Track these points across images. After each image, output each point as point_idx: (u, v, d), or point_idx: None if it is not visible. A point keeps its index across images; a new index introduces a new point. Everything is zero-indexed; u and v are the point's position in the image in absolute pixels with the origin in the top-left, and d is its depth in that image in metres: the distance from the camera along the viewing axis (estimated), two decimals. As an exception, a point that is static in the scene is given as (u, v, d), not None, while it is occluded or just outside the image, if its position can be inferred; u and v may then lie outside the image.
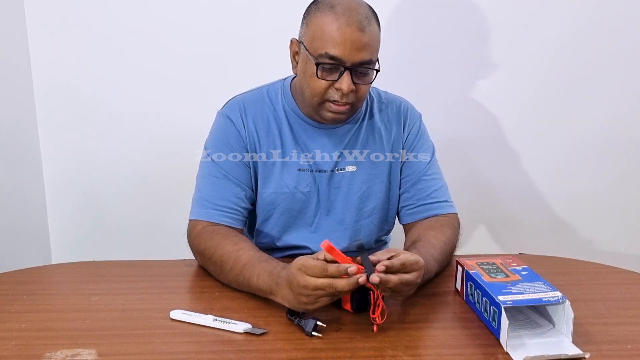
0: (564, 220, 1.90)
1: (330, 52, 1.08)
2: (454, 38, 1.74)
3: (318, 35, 1.09)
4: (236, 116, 1.23)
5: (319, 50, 1.09)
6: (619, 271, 1.20)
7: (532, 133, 1.83)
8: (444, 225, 1.21)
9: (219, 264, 1.09)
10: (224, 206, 1.18)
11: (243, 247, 1.09)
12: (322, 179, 1.24)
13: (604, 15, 1.73)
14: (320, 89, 1.12)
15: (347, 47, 1.07)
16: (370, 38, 1.09)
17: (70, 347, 0.88)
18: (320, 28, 1.09)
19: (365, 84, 1.13)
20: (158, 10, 1.68)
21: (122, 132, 1.77)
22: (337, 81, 1.10)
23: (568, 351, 0.86)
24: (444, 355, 0.87)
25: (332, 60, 1.08)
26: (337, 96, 1.12)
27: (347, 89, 1.10)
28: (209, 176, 1.21)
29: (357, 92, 1.12)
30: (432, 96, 1.75)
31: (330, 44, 1.08)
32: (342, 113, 1.15)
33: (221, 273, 1.09)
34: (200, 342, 0.91)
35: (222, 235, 1.13)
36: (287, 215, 1.25)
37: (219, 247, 1.10)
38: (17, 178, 1.71)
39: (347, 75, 1.09)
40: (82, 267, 1.23)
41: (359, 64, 1.09)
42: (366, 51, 1.09)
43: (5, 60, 1.65)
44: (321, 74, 1.10)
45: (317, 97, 1.13)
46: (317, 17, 1.11)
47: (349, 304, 0.98)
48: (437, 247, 1.12)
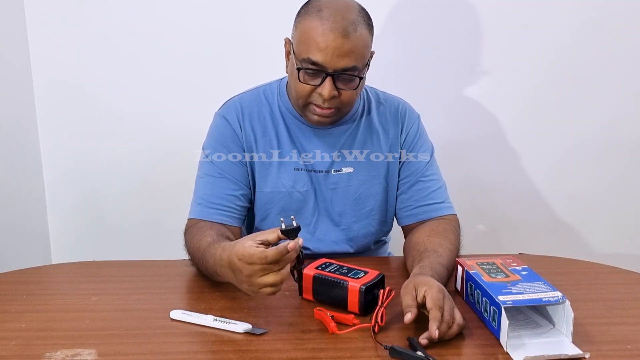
0: (564, 220, 1.90)
1: (313, 57, 1.08)
2: (454, 38, 1.74)
3: (303, 39, 1.10)
4: (233, 117, 1.23)
5: (302, 54, 1.10)
6: (619, 271, 1.20)
7: (532, 133, 1.82)
8: (448, 230, 1.20)
9: (192, 256, 1.12)
10: (219, 204, 1.19)
11: (205, 235, 1.09)
12: (318, 179, 1.24)
13: (604, 15, 1.72)
14: (303, 92, 1.13)
15: (329, 53, 1.07)
16: (354, 44, 1.08)
17: (70, 347, 0.88)
18: (306, 32, 1.09)
19: (350, 90, 1.13)
20: (158, 10, 1.68)
21: (122, 132, 1.77)
22: (319, 86, 1.11)
23: (568, 351, 0.86)
24: (444, 355, 0.87)
25: (314, 65, 1.09)
26: (320, 101, 1.12)
27: (327, 95, 1.10)
28: (206, 176, 1.22)
29: (342, 98, 1.12)
30: (432, 96, 1.75)
31: (313, 49, 1.08)
32: (326, 117, 1.15)
33: (197, 265, 1.12)
34: (200, 342, 0.91)
35: (197, 229, 1.14)
36: (285, 215, 1.25)
37: (193, 240, 1.12)
38: (17, 178, 1.71)
39: (329, 81, 1.09)
40: (82, 267, 1.23)
41: (341, 71, 1.09)
42: (349, 58, 1.08)
43: (5, 60, 1.65)
44: (303, 78, 1.11)
45: (301, 100, 1.14)
46: (304, 19, 1.11)
47: (357, 306, 0.98)
48: (444, 256, 1.10)
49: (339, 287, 0.98)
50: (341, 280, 0.98)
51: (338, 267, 1.03)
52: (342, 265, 1.04)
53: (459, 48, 1.74)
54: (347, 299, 0.98)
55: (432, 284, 0.94)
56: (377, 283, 0.99)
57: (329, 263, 1.04)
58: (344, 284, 0.98)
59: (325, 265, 1.03)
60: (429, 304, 0.90)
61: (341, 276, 0.99)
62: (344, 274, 1.00)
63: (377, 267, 1.05)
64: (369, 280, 0.98)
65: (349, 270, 1.01)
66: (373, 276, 1.00)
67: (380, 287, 0.98)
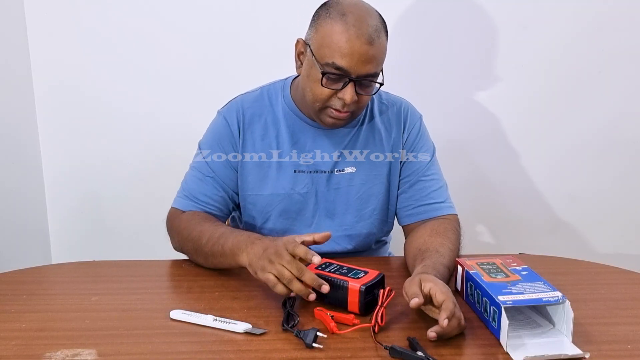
0: (564, 220, 1.90)
1: (338, 62, 1.08)
2: (456, 40, 1.74)
3: (326, 43, 1.09)
4: (233, 118, 1.24)
5: (326, 58, 1.09)
6: (619, 271, 1.20)
7: (533, 133, 1.83)
8: (448, 230, 1.20)
9: (196, 239, 1.13)
10: (205, 202, 1.22)
11: (221, 225, 1.16)
12: (320, 180, 1.24)
13: (604, 15, 1.73)
14: (323, 95, 1.12)
15: (354, 59, 1.07)
16: (377, 51, 1.09)
17: (70, 347, 0.88)
18: (329, 36, 1.08)
19: (368, 95, 1.14)
20: (158, 11, 1.68)
21: (122, 133, 1.77)
22: (340, 90, 1.11)
23: (568, 351, 0.86)
24: (444, 355, 0.87)
25: (338, 70, 1.09)
26: (339, 105, 1.12)
27: (350, 100, 1.10)
28: (196, 171, 1.25)
29: (359, 102, 1.13)
30: (434, 97, 1.75)
31: (338, 54, 1.07)
32: (341, 120, 1.16)
33: (199, 248, 1.13)
34: (200, 342, 0.91)
35: (202, 217, 1.19)
36: (285, 217, 1.25)
37: (198, 224, 1.16)
38: (17, 178, 1.71)
39: (351, 86, 1.10)
40: (82, 267, 1.23)
41: (364, 77, 1.10)
42: (372, 64, 1.09)
43: (5, 60, 1.65)
44: (326, 83, 1.11)
45: (319, 103, 1.14)
46: (327, 23, 1.10)
47: (357, 306, 0.98)
48: (445, 256, 1.10)
49: (339, 287, 0.98)
50: (341, 280, 0.98)
51: (338, 267, 1.03)
52: (342, 265, 1.04)
53: (461, 49, 1.75)
54: (347, 299, 0.98)
55: (437, 281, 0.95)
56: (377, 283, 0.99)
57: (329, 263, 1.04)
58: (344, 284, 0.98)
59: (326, 265, 1.03)
60: (440, 297, 0.90)
61: (341, 276, 0.99)
62: (344, 274, 1.00)
63: (377, 267, 1.05)
64: (369, 280, 0.98)
65: (349, 270, 1.01)
66: (373, 276, 1.00)
67: (380, 287, 0.98)
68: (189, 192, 1.23)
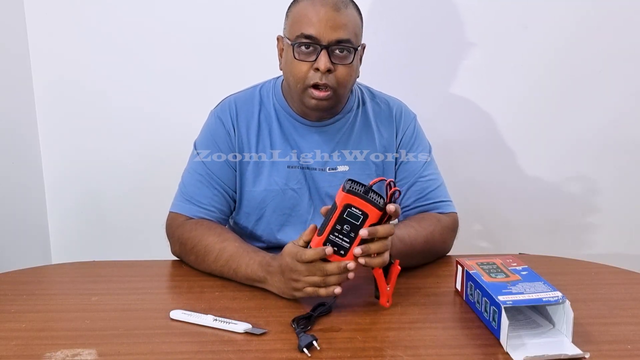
0: (564, 220, 1.90)
1: (306, 31, 1.11)
2: (453, 38, 1.74)
3: (295, 20, 1.13)
4: (227, 117, 1.24)
5: (296, 32, 1.12)
6: (619, 271, 1.20)
7: (532, 133, 1.82)
8: (425, 219, 1.21)
9: (202, 254, 1.12)
10: (205, 204, 1.22)
11: (228, 239, 1.13)
12: (313, 177, 1.25)
13: (604, 15, 1.72)
14: (301, 72, 1.13)
15: (322, 25, 1.10)
16: (347, 19, 1.12)
17: (70, 347, 0.88)
18: (298, 13, 1.13)
19: (344, 65, 1.13)
20: (158, 8, 1.68)
21: (122, 132, 1.77)
22: (315, 61, 1.12)
23: (568, 351, 0.86)
24: (444, 355, 0.87)
25: (307, 39, 1.11)
26: (317, 77, 1.12)
27: (324, 67, 1.10)
28: (194, 173, 1.24)
29: (337, 75, 1.13)
30: (431, 96, 1.75)
31: (305, 24, 1.11)
32: (324, 99, 1.15)
33: (203, 263, 1.13)
34: (200, 342, 0.91)
35: (206, 227, 1.17)
36: (280, 213, 1.25)
37: (203, 237, 1.14)
38: (17, 178, 1.71)
39: (324, 54, 1.11)
40: (82, 267, 1.23)
41: (335, 42, 1.11)
42: (342, 30, 1.11)
43: (5, 59, 1.65)
44: (299, 55, 1.13)
45: (300, 83, 1.14)
46: (295, 7, 1.16)
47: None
48: (405, 232, 1.12)
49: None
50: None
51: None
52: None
53: (457, 48, 1.74)
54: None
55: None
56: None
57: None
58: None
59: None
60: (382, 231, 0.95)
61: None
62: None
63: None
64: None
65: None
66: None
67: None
68: (189, 195, 1.23)
